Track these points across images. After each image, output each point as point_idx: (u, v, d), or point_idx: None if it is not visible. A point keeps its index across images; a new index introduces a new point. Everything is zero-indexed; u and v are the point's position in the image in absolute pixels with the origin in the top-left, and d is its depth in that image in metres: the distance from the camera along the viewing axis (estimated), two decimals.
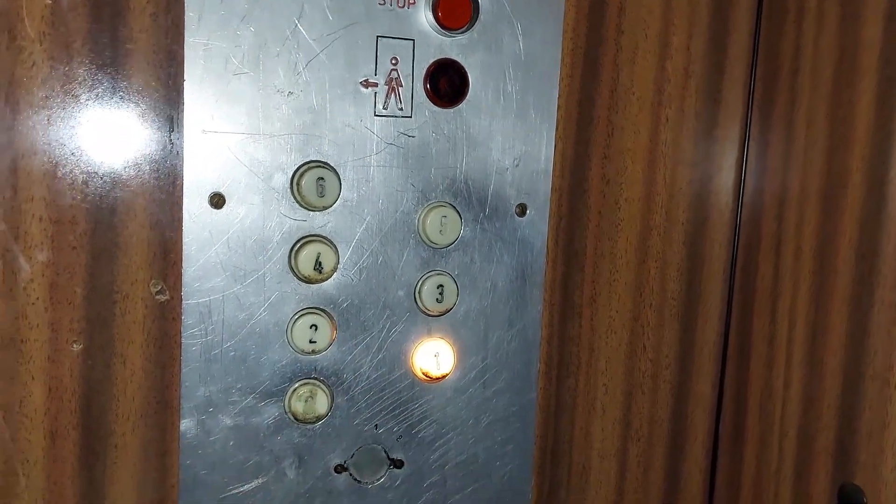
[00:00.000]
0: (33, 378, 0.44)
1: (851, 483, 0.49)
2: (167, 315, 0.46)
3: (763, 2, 0.56)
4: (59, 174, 0.43)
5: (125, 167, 0.44)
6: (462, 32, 0.49)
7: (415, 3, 0.48)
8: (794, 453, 0.53)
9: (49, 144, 0.43)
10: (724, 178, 0.58)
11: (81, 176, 0.44)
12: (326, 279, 0.48)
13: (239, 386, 0.48)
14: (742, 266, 0.58)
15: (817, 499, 0.52)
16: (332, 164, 0.48)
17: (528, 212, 0.53)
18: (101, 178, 0.44)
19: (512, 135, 0.51)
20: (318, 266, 0.48)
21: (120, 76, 0.44)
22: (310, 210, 0.48)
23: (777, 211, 0.55)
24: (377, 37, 0.48)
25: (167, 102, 0.45)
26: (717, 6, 0.56)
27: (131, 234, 0.45)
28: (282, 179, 0.47)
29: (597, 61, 0.53)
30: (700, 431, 0.60)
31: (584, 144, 0.54)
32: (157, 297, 0.46)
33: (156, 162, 0.45)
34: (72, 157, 0.43)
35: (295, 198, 0.47)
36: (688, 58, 0.56)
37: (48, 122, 0.43)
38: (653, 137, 0.55)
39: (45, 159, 0.43)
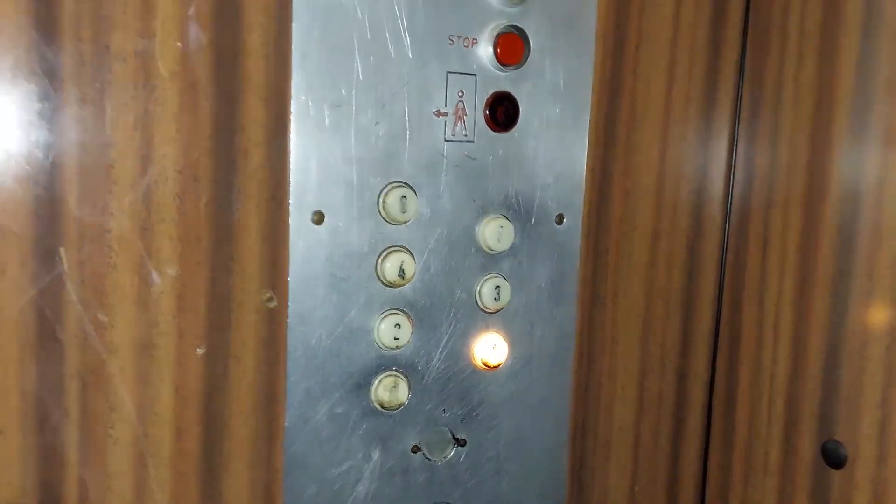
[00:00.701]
0: (163, 380, 0.50)
1: (833, 439, 0.60)
2: (275, 319, 0.52)
3: (748, 38, 0.67)
4: (187, 198, 0.49)
5: (241, 190, 0.50)
6: (516, 68, 0.57)
7: (477, 42, 0.56)
8: (783, 417, 0.64)
9: (179, 172, 0.48)
10: (716, 188, 0.68)
11: (204, 199, 0.49)
12: (407, 284, 0.55)
13: (333, 380, 0.54)
14: (732, 263, 0.68)
15: (803, 454, 0.63)
16: (411, 184, 0.55)
17: (564, 220, 0.61)
18: (221, 201, 0.50)
19: (553, 155, 0.60)
20: (401, 273, 0.55)
21: (237, 110, 0.49)
22: (393, 224, 0.55)
23: (763, 215, 0.65)
24: (447, 72, 0.55)
25: (276, 132, 0.51)
26: (713, 42, 0.66)
27: (246, 249, 0.51)
28: (370, 198, 0.54)
29: (619, 91, 0.62)
30: (698, 404, 0.70)
31: (609, 162, 0.63)
32: (267, 303, 0.52)
33: (267, 185, 0.51)
34: (196, 183, 0.49)
35: (381, 213, 0.54)
36: (689, 84, 0.65)
37: (178, 152, 0.48)
38: (661, 155, 0.65)
39: (175, 185, 0.48)
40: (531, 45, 0.57)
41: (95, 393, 0.48)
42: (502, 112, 0.57)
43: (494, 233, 0.58)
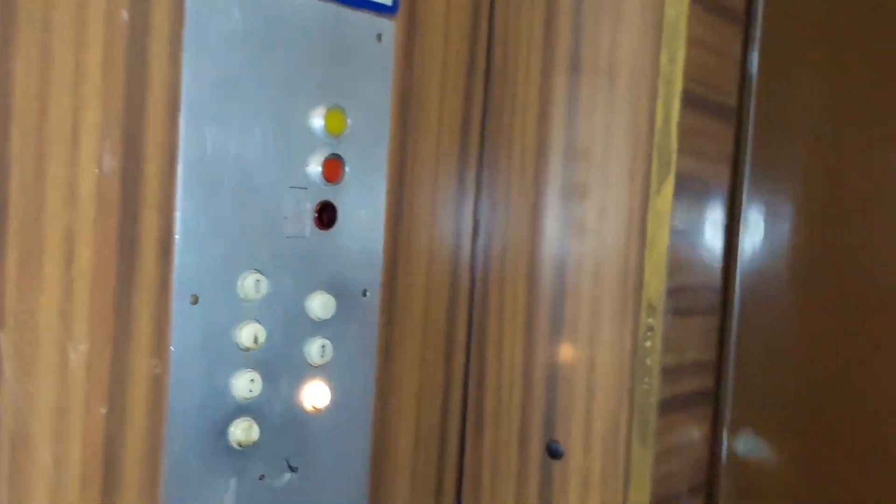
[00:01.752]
0: (74, 438, 0.61)
1: (554, 440, 0.86)
2: (160, 383, 0.66)
3: (484, 158, 0.92)
4: (97, 289, 0.61)
5: (137, 282, 0.64)
6: (336, 184, 0.76)
7: (310, 164, 0.74)
8: (518, 430, 0.89)
9: (93, 269, 0.61)
10: (464, 266, 0.92)
11: (111, 289, 0.62)
12: (259, 348, 0.72)
13: (203, 427, 0.69)
14: (478, 322, 0.93)
15: (534, 454, 0.88)
16: (262, 270, 0.72)
17: (367, 294, 0.81)
18: (123, 291, 0.63)
19: (360, 245, 0.80)
20: (255, 340, 0.71)
21: (137, 220, 0.63)
22: (249, 302, 0.71)
23: (499, 286, 0.91)
24: (290, 187, 0.73)
25: (165, 237, 0.65)
26: (461, 161, 0.90)
27: (139, 328, 0.64)
28: (233, 282, 0.70)
29: (401, 199, 0.84)
30: (455, 429, 0.93)
31: (397, 249, 0.84)
32: (154, 370, 0.65)
33: (157, 277, 0.65)
34: (105, 277, 0.62)
35: (239, 294, 0.70)
36: (445, 193, 0.89)
37: (92, 254, 0.61)
38: (428, 244, 0.88)
39: (89, 279, 0.61)
40: (347, 166, 0.77)
41: (23, 453, 0.58)
42: (326, 216, 0.76)
43: (321, 305, 0.76)
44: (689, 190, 0.86)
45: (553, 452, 0.86)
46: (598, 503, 0.83)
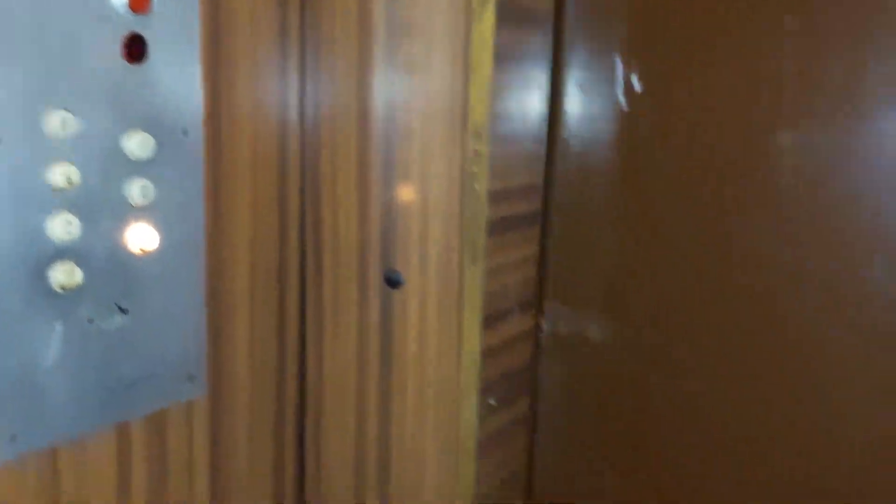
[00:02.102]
0: None
1: (393, 269, 0.89)
2: None
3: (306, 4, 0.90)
4: None
5: None
6: (144, 15, 0.73)
7: None
8: (357, 263, 0.91)
9: None
10: (293, 108, 0.91)
11: None
12: (73, 188, 0.69)
13: (20, 272, 0.67)
14: (311, 165, 0.92)
15: (374, 284, 0.90)
16: (69, 108, 0.68)
17: (189, 133, 0.79)
18: None
19: (177, 82, 0.77)
20: (68, 181, 0.68)
21: None
22: (56, 141, 0.68)
23: (331, 129, 0.91)
24: (92, 17, 0.69)
25: None
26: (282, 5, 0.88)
27: None
28: (36, 121, 0.66)
29: (219, 38, 0.81)
30: (294, 265, 0.94)
31: (215, 88, 0.82)
32: None
33: None
34: None
35: (45, 133, 0.67)
36: (269, 38, 0.87)
37: None
38: (253, 87, 0.86)
39: None
40: None
41: None
42: (136, 49, 0.73)
43: (138, 143, 0.74)
44: (512, 16, 0.87)
45: (392, 282, 0.89)
46: (435, 324, 0.87)
